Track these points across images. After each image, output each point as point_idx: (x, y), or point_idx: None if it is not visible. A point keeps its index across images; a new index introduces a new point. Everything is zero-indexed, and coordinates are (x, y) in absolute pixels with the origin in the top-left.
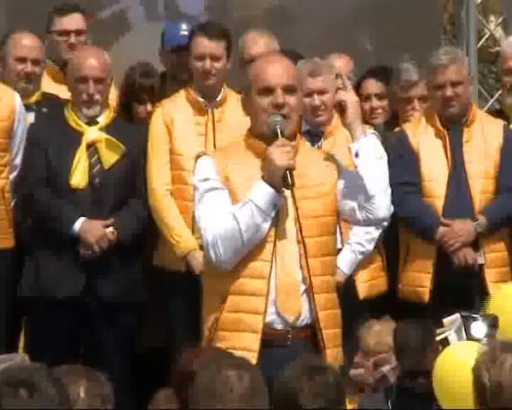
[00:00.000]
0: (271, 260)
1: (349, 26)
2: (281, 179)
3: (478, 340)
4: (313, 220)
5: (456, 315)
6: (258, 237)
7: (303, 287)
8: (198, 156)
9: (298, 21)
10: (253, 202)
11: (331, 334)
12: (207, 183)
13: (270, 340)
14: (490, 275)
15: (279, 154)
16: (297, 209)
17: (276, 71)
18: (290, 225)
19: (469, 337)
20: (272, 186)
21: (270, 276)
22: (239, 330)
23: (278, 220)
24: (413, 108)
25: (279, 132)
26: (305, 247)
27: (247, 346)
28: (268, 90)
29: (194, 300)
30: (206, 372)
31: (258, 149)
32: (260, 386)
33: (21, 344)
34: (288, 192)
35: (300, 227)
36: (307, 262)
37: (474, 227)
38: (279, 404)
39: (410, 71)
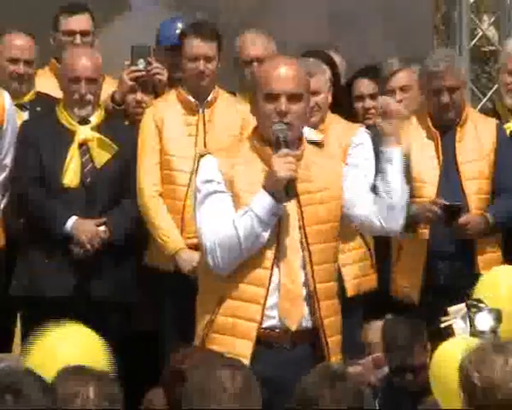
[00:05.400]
0: (271, 268)
1: (339, 26)
2: (282, 190)
3: (481, 332)
4: (318, 227)
5: (462, 304)
6: (257, 245)
7: (305, 293)
8: (202, 155)
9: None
10: (252, 212)
11: (335, 341)
12: (210, 185)
13: (269, 342)
14: None
15: (281, 165)
16: (302, 216)
17: (282, 77)
18: (294, 231)
19: (473, 329)
20: (273, 196)
21: (269, 283)
22: (233, 335)
23: (281, 227)
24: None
25: (282, 142)
26: (310, 254)
27: (241, 352)
28: (272, 97)
29: (184, 299)
30: (199, 372)
31: (263, 154)
32: (253, 386)
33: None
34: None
35: (305, 234)
36: (312, 269)
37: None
38: None
39: (392, 62)
